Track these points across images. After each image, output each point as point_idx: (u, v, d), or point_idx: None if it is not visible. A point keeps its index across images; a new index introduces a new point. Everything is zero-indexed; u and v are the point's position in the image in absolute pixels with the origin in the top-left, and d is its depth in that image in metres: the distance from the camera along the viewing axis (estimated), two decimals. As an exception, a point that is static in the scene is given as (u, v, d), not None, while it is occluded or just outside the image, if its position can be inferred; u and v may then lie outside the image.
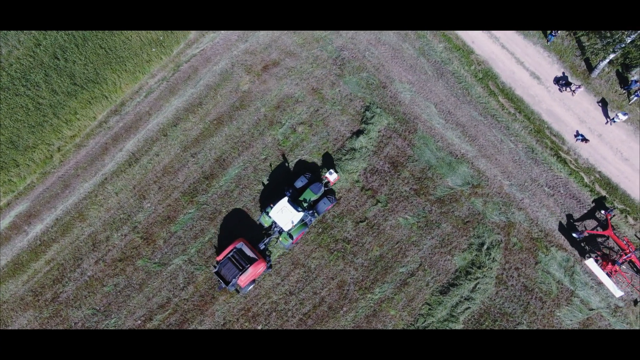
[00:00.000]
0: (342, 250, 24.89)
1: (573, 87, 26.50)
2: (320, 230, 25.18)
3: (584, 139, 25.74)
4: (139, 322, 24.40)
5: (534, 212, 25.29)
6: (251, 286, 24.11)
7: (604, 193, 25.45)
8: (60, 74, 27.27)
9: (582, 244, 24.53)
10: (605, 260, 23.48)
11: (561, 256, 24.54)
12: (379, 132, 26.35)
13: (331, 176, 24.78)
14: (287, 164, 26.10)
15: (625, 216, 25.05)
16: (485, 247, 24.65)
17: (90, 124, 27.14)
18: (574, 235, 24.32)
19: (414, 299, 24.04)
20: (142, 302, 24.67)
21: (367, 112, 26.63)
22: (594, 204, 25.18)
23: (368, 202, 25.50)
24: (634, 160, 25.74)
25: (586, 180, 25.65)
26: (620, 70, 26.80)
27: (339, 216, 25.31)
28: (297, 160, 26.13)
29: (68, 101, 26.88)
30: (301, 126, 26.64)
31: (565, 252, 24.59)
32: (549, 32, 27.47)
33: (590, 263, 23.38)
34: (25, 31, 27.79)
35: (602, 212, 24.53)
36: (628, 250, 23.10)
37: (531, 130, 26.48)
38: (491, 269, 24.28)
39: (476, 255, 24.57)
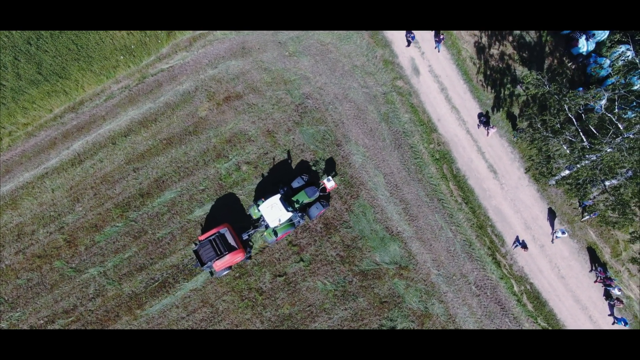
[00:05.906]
0: (254, 300, 24.61)
1: (487, 128, 26.15)
2: (237, 274, 24.93)
3: (524, 246, 24.85)
4: (41, 322, 24.59)
5: (455, 309, 24.57)
6: (226, 272, 24.26)
7: (530, 306, 24.57)
8: (29, 60, 27.44)
9: None
10: None
11: (469, 360, 23.80)
12: (320, 189, 25.89)
13: (329, 183, 24.55)
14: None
15: (546, 335, 24.13)
16: (395, 331, 24.08)
17: (45, 115, 27.31)
18: None
19: (310, 367, 23.62)
20: (49, 303, 24.86)
21: (314, 167, 26.16)
22: None
23: (292, 257, 25.12)
24: (570, 280, 24.76)
25: (516, 288, 24.78)
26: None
27: (259, 265, 25.01)
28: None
29: (29, 89, 27.05)
30: (246, 165, 26.34)
31: (475, 357, 23.83)
32: (517, 127, 26.54)
33: None
34: (7, 10, 27.93)
35: None
36: None
37: (474, 224, 25.66)
38: (395, 355, 23.70)
39: (384, 337, 24.00)
